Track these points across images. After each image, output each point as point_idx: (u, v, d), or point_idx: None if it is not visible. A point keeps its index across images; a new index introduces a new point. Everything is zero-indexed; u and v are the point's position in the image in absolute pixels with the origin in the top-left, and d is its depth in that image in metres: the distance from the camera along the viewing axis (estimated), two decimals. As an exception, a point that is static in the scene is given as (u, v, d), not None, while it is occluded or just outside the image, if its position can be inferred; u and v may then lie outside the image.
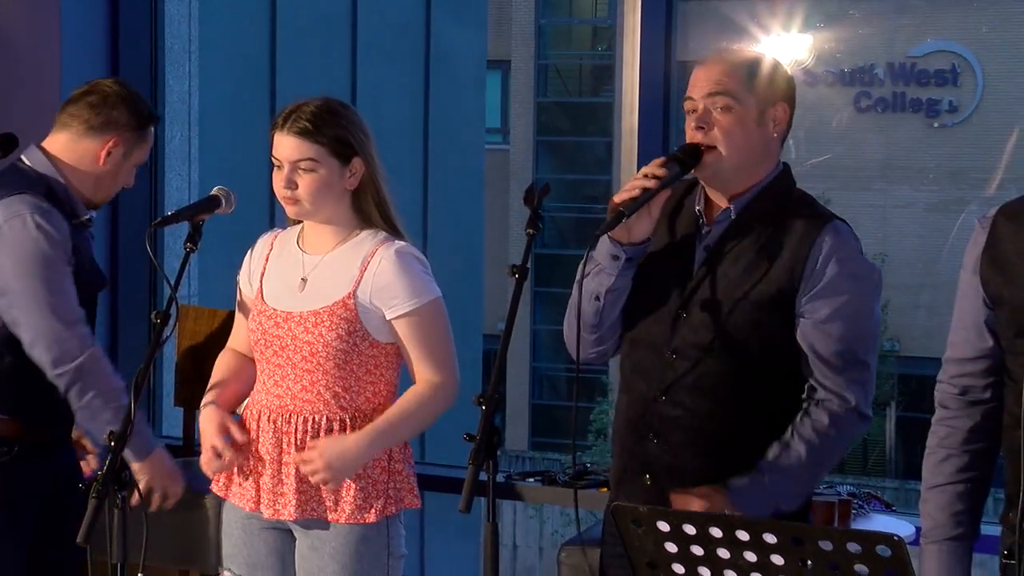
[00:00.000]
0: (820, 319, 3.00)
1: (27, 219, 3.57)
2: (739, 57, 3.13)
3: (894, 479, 19.06)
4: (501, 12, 22.20)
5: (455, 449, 3.18)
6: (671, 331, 3.05)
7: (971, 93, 20.46)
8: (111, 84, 3.82)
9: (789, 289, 3.01)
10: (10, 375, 3.65)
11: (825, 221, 3.05)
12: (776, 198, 3.09)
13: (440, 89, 13.28)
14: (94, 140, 3.72)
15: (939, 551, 2.83)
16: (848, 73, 20.76)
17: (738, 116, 3.03)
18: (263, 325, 3.41)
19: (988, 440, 2.85)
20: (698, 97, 3.04)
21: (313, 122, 3.33)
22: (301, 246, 3.45)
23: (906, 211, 20.58)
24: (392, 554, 3.40)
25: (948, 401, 2.87)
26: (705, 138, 3.03)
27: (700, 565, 2.48)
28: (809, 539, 2.38)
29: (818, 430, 3.00)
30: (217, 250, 3.88)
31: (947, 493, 2.84)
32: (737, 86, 3.03)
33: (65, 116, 3.77)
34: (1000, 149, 19.73)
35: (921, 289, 19.39)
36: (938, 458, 2.86)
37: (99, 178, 3.75)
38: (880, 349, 14.06)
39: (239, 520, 3.46)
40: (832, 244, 3.02)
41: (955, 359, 2.87)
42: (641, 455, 3.08)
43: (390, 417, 3.33)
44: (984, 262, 2.78)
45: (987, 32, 20.30)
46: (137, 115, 3.76)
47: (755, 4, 20.29)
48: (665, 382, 3.05)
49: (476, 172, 14.50)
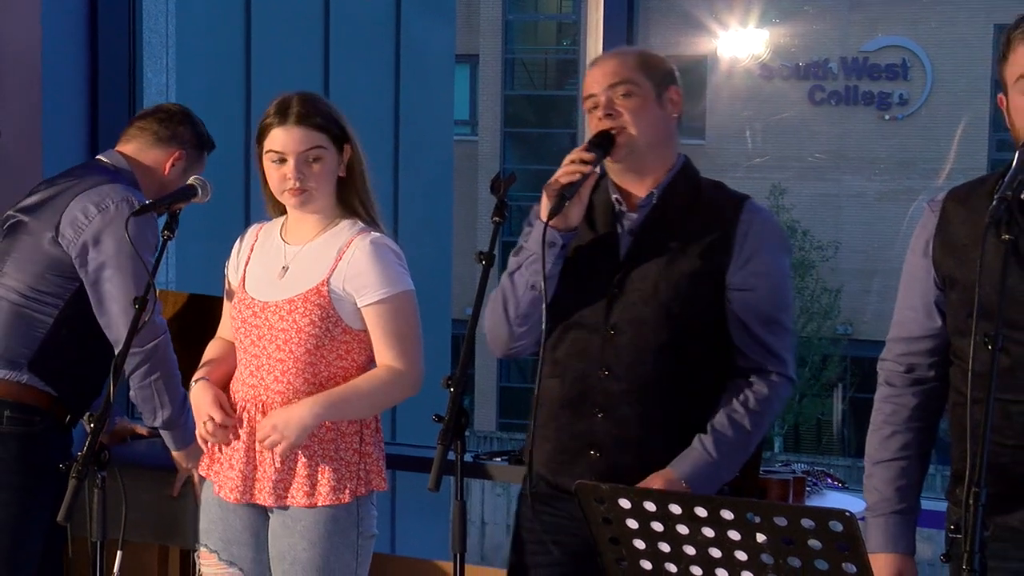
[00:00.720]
0: (750, 290, 3.07)
1: (135, 204, 3.68)
2: (627, 51, 3.23)
3: (846, 457, 19.15)
4: (470, 8, 22.18)
5: (425, 430, 3.18)
6: (607, 311, 3.07)
7: (920, 86, 20.57)
8: (176, 106, 4.04)
9: (719, 264, 3.07)
10: (60, 349, 3.75)
11: (742, 199, 3.14)
12: (691, 182, 3.16)
13: (410, 82, 13.25)
14: (162, 150, 3.91)
15: (885, 523, 2.85)
16: (803, 67, 20.84)
17: (640, 98, 3.09)
18: (242, 314, 3.40)
19: (930, 418, 2.88)
20: (599, 91, 3.10)
21: (315, 111, 3.33)
22: (284, 237, 3.44)
23: (858, 200, 20.68)
24: (362, 534, 3.39)
25: (894, 379, 2.89)
26: (615, 123, 3.07)
27: (660, 540, 2.49)
28: (765, 515, 2.39)
29: (760, 399, 3.07)
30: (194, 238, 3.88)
31: (892, 468, 2.86)
32: (633, 73, 3.11)
33: (134, 129, 3.94)
34: (948, 140, 19.84)
35: (873, 275, 19.49)
36: (884, 434, 2.88)
37: (162, 185, 3.88)
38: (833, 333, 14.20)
39: (217, 498, 3.45)
40: (754, 220, 3.09)
41: (901, 338, 2.88)
42: (585, 432, 3.09)
43: (340, 390, 3.32)
44: (936, 244, 2.80)
45: (935, 28, 20.40)
46: (199, 135, 3.96)
47: (713, 0, 20.33)
48: (606, 359, 3.06)
49: (446, 162, 14.49)
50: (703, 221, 3.09)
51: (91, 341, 3.76)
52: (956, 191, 2.82)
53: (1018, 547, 2.68)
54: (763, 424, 3.08)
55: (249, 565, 3.43)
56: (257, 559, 3.43)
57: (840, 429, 20.46)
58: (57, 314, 3.75)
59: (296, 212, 3.41)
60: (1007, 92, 2.71)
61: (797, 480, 3.94)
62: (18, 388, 3.74)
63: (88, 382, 3.81)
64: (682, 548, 2.48)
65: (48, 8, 4.81)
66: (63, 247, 3.73)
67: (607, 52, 3.25)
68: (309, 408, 3.27)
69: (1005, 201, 2.45)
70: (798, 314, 20.21)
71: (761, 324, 3.07)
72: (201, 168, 3.95)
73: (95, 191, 3.75)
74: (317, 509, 3.33)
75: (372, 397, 3.35)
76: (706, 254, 3.06)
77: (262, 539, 3.42)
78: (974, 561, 2.30)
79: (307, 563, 3.34)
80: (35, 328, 3.75)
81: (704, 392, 3.09)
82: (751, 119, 20.96)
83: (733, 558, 2.44)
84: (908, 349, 2.87)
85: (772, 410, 3.09)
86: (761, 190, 20.45)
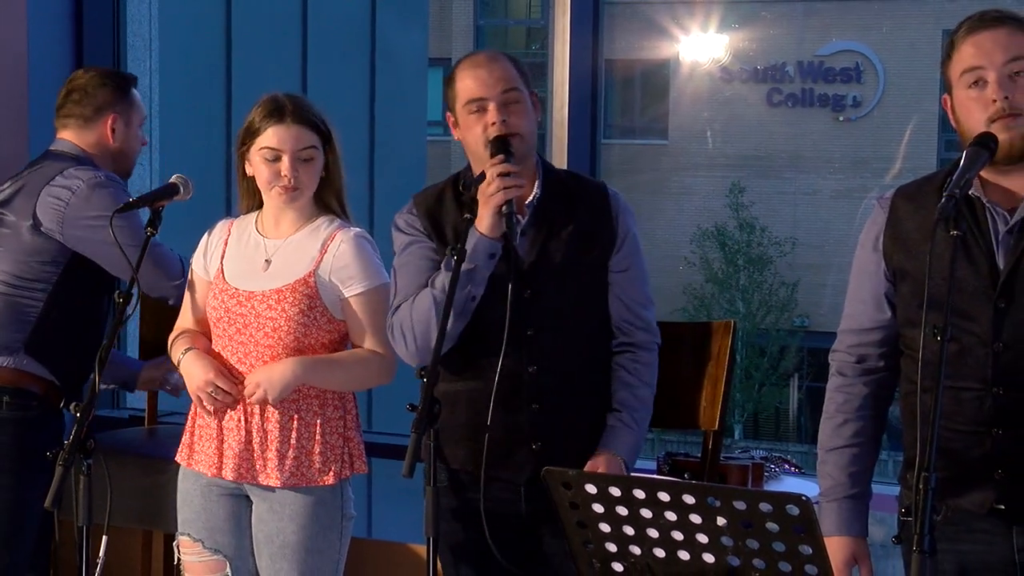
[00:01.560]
0: (627, 271, 3.15)
1: (102, 179, 3.71)
2: (502, 55, 3.19)
3: (803, 444, 19.21)
4: (442, 13, 22.15)
5: (400, 419, 3.17)
6: (522, 311, 3.06)
7: (873, 89, 20.64)
8: (81, 75, 3.92)
9: (606, 250, 3.13)
10: (54, 331, 3.73)
11: (604, 187, 3.21)
12: (554, 175, 3.20)
13: (385, 85, 13.24)
14: (96, 125, 3.84)
15: (839, 508, 2.86)
16: (761, 71, 20.88)
17: (524, 104, 3.11)
18: (225, 303, 3.39)
19: (880, 406, 2.89)
20: (490, 96, 3.08)
21: (310, 111, 3.35)
22: (261, 231, 3.44)
23: (814, 198, 20.73)
24: (345, 515, 3.40)
25: (845, 369, 2.90)
26: (509, 129, 3.07)
27: (625, 524, 2.49)
28: (725, 499, 2.39)
29: (649, 367, 3.19)
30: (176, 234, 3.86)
31: (845, 455, 2.87)
32: (517, 80, 3.12)
33: (60, 120, 3.88)
34: (900, 140, 19.92)
35: (828, 270, 19.53)
36: (836, 423, 2.89)
37: (115, 154, 3.86)
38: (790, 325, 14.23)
39: (199, 488, 3.43)
40: (618, 205, 3.17)
41: (852, 330, 2.89)
42: (524, 425, 3.08)
43: (324, 357, 3.34)
44: (886, 239, 2.80)
45: (887, 33, 20.47)
46: (116, 88, 3.86)
47: (675, 6, 20.36)
48: (532, 355, 3.07)
49: (419, 161, 14.48)
50: (581, 211, 3.14)
51: (83, 322, 3.76)
52: (905, 188, 2.84)
53: (969, 529, 2.69)
54: (654, 387, 3.19)
55: (233, 552, 3.42)
56: (239, 545, 3.43)
57: (797, 417, 20.52)
58: (46, 298, 3.72)
59: (276, 207, 3.40)
60: (951, 90, 2.72)
61: (756, 466, 3.94)
62: (16, 374, 3.72)
63: (85, 364, 3.76)
64: (646, 531, 2.48)
65: (34, 12, 4.78)
66: (46, 234, 3.71)
67: (481, 55, 3.14)
68: (291, 367, 3.29)
69: (953, 198, 2.47)
70: (757, 307, 20.28)
71: (637, 301, 3.17)
72: (138, 107, 3.91)
73: (62, 176, 3.73)
74: (304, 493, 3.33)
75: (352, 371, 3.36)
76: (594, 241, 3.12)
77: (244, 526, 3.42)
78: (924, 543, 2.31)
79: (296, 545, 3.34)
80: (27, 314, 3.72)
81: (605, 371, 3.18)
82: (711, 120, 21.00)
83: (695, 540, 2.44)
84: (859, 340, 2.88)
85: (656, 373, 3.20)
86: (721, 188, 20.51)
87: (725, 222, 20.31)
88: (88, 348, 3.72)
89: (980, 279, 2.65)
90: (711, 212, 20.33)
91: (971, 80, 2.66)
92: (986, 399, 2.65)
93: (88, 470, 3.15)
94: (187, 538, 3.45)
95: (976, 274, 2.65)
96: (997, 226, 2.66)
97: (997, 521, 2.68)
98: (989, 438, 2.65)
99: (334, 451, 3.35)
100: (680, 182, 21.12)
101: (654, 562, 2.50)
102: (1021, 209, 2.65)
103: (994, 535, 2.69)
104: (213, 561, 3.42)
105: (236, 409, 3.36)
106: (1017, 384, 2.63)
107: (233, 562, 3.42)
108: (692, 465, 3.71)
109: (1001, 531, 2.68)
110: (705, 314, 19.60)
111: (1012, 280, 2.63)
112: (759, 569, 2.41)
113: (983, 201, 2.68)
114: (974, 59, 2.66)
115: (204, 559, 3.43)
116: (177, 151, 8.87)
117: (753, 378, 20.07)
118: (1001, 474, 2.65)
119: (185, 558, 3.46)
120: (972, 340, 2.65)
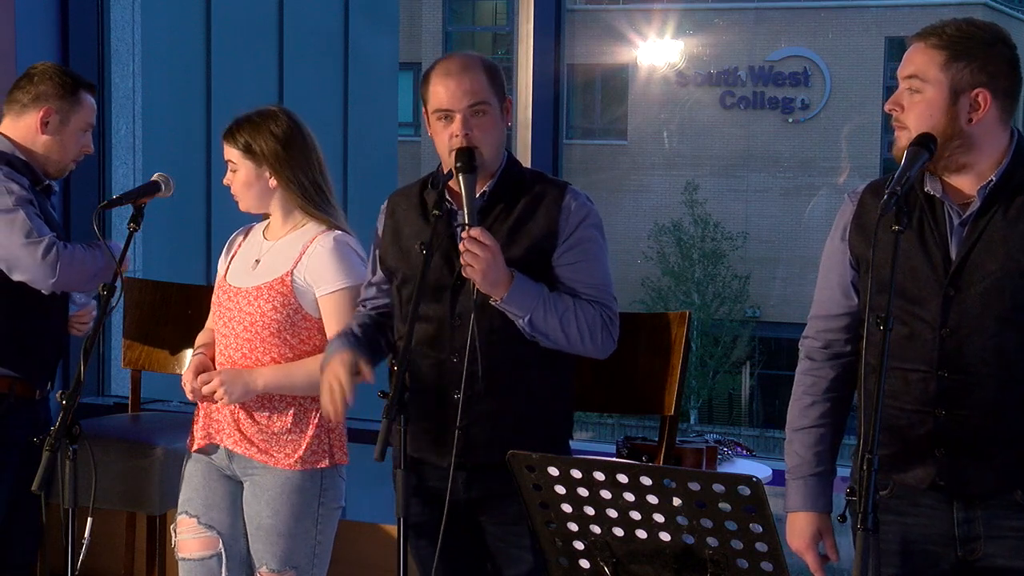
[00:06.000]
0: (575, 264, 3.07)
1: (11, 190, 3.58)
2: (476, 62, 3.12)
3: (754, 428, 19.29)
4: (412, 20, 22.10)
5: (371, 405, 3.16)
6: (453, 301, 3.05)
7: (820, 92, 20.70)
8: (41, 65, 3.81)
9: (548, 247, 3.07)
10: (5, 330, 3.65)
11: (563, 188, 3.13)
12: (514, 176, 3.14)
13: (357, 87, 13.20)
14: (30, 115, 3.72)
15: (805, 485, 2.87)
16: (715, 75, 20.92)
17: (491, 117, 3.07)
18: (219, 299, 3.47)
19: (846, 389, 2.90)
20: (457, 108, 3.05)
21: (237, 130, 3.43)
22: (265, 234, 3.51)
23: (764, 195, 20.79)
24: (324, 504, 3.40)
25: (814, 354, 2.91)
26: (472, 143, 3.04)
27: (585, 505, 2.49)
28: (680, 481, 2.40)
29: (587, 311, 3.05)
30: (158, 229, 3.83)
31: (812, 435, 2.88)
32: (487, 92, 3.07)
33: (6, 103, 3.78)
34: (845, 141, 20.01)
35: (778, 263, 19.60)
36: (804, 404, 2.90)
37: (45, 146, 3.72)
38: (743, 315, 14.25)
39: (201, 469, 3.47)
40: (571, 206, 3.09)
41: (820, 316, 2.91)
42: (452, 412, 3.02)
43: (289, 366, 3.36)
44: (852, 230, 2.83)
45: (833, 40, 20.55)
46: (62, 85, 3.73)
47: (633, 13, 20.38)
48: (456, 344, 3.03)
49: (390, 161, 14.43)
50: (533, 208, 3.09)
51: (19, 312, 3.66)
52: (874, 183, 2.87)
53: (914, 504, 2.72)
54: (584, 325, 3.04)
55: (227, 530, 3.44)
56: (233, 525, 3.45)
57: (749, 402, 20.58)
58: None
59: (273, 212, 3.46)
60: None
61: (710, 449, 3.96)
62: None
63: (37, 352, 3.71)
64: (605, 511, 2.48)
65: (22, 20, 4.75)
66: None
67: (455, 62, 3.09)
68: (260, 377, 3.33)
69: (895, 195, 2.50)
70: (711, 298, 20.33)
71: (590, 284, 3.08)
72: (83, 112, 3.77)
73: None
74: (282, 480, 3.36)
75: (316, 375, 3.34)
76: (538, 238, 3.07)
77: (238, 508, 3.45)
78: (868, 520, 2.32)
79: (269, 529, 3.37)
80: None
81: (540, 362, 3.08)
82: (668, 121, 21.03)
83: (651, 520, 2.45)
84: (826, 326, 2.89)
85: (596, 325, 3.06)
86: (677, 186, 20.55)
87: (681, 218, 20.36)
88: (39, 334, 3.66)
89: (933, 268, 2.68)
90: (668, 209, 20.38)
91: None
92: (931, 381, 2.66)
93: (74, 455, 3.14)
94: (184, 516, 3.47)
95: (929, 263, 2.68)
96: (952, 220, 2.70)
97: (939, 496, 2.70)
98: (932, 418, 2.67)
99: (320, 443, 3.38)
100: (638, 180, 21.15)
101: (613, 540, 2.51)
102: (973, 204, 2.69)
103: (935, 509, 2.71)
104: (207, 538, 3.44)
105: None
106: (961, 367, 2.65)
107: (225, 540, 3.43)
108: (650, 448, 3.73)
109: (942, 506, 2.70)
110: (662, 305, 19.65)
111: (961, 269, 2.66)
112: (712, 547, 2.42)
113: (939, 199, 2.71)
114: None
115: (199, 536, 3.45)
116: (159, 151, 8.81)
117: (707, 366, 20.13)
118: (942, 452, 2.67)
119: (180, 537, 3.47)
120: (921, 325, 2.67)
